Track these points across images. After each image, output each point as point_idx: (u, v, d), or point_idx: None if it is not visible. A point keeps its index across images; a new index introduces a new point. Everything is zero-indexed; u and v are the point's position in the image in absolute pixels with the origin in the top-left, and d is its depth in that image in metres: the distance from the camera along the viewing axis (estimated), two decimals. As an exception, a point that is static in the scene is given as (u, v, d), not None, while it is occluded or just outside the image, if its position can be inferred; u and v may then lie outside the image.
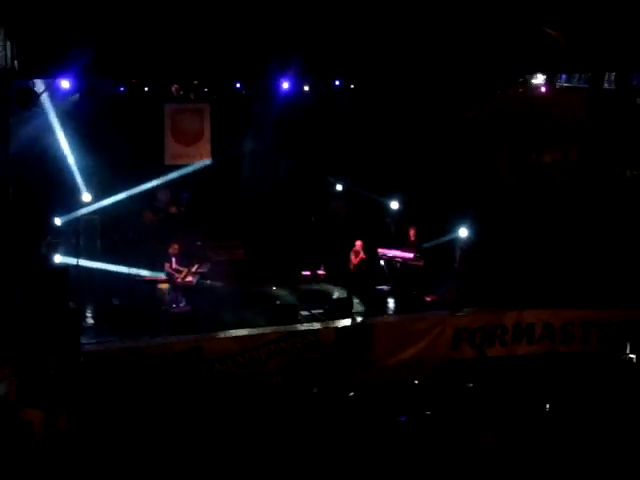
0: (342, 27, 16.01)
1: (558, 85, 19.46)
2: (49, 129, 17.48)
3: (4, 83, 14.39)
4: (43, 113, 16.91)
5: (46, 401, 12.58)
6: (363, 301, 17.50)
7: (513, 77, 19.63)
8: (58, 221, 17.72)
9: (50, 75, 15.57)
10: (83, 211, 18.51)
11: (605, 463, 10.89)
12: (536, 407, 12.95)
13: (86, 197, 18.51)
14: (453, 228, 18.54)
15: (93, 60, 14.84)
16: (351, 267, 18.38)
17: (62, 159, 17.99)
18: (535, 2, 16.84)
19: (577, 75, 19.14)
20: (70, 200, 18.31)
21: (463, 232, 18.34)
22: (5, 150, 14.43)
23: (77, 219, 18.33)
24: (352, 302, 17.19)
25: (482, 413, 12.61)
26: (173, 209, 20.59)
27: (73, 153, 18.19)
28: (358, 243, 18.38)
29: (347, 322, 16.22)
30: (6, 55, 14.12)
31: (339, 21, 16.04)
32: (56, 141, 17.79)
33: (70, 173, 18.31)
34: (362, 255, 18.25)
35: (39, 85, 15.64)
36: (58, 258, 16.84)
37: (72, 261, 17.13)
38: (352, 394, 13.57)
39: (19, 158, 15.93)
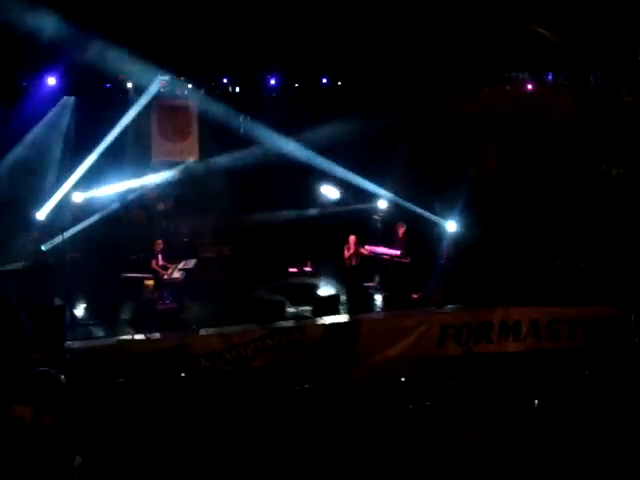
0: (330, 23, 16.02)
1: (545, 82, 19.50)
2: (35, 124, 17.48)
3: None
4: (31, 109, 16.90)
5: (33, 397, 12.54)
6: (350, 298, 17.53)
7: (501, 74, 19.65)
8: (41, 215, 17.62)
9: (36, 71, 15.54)
10: (71, 207, 18.48)
11: (592, 459, 10.91)
12: (523, 404, 12.98)
13: (77, 197, 18.49)
14: (440, 224, 18.61)
15: (79, 57, 14.81)
16: (345, 262, 18.39)
17: (48, 155, 17.97)
18: (524, 1, 16.88)
19: (564, 72, 19.16)
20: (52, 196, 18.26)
21: (451, 226, 18.37)
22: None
23: (63, 216, 18.27)
24: (339, 299, 17.24)
25: (468, 409, 12.63)
26: (160, 206, 20.56)
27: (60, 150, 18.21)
28: (351, 238, 18.39)
29: (334, 319, 16.23)
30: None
31: (327, 17, 16.05)
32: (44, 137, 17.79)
33: (56, 170, 18.29)
34: (352, 249, 18.25)
35: None
36: (43, 254, 16.85)
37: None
38: (338, 391, 13.57)
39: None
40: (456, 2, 16.32)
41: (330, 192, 20.76)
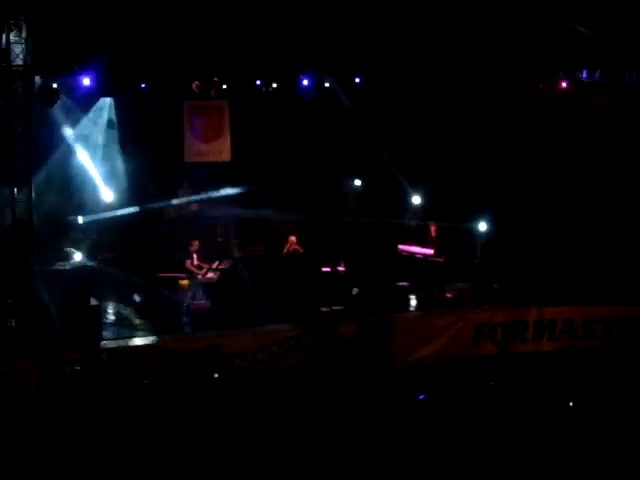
0: (363, 22, 15.98)
1: (579, 80, 19.29)
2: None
3: (25, 80, 14.39)
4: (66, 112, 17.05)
5: (69, 396, 12.70)
6: (382, 297, 17.47)
7: (536, 72, 19.49)
8: (80, 219, 17.73)
9: (71, 72, 15.64)
10: (106, 211, 18.58)
11: (624, 461, 10.83)
12: (558, 404, 12.89)
13: (107, 196, 18.59)
14: (474, 224, 18.50)
15: (114, 56, 14.91)
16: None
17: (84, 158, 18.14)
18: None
19: (598, 70, 18.96)
20: (93, 200, 18.40)
21: (483, 226, 18.27)
22: (28, 148, 14.46)
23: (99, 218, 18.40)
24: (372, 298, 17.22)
25: (503, 409, 12.57)
26: (194, 206, 20.63)
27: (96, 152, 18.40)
28: (291, 238, 18.37)
29: (367, 318, 16.19)
30: (26, 52, 14.12)
31: (360, 15, 16.02)
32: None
33: (91, 172, 18.43)
34: (287, 247, 18.30)
35: None
36: (78, 256, 16.99)
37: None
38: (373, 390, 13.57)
39: (44, 156, 16.08)
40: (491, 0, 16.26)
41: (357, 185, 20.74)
